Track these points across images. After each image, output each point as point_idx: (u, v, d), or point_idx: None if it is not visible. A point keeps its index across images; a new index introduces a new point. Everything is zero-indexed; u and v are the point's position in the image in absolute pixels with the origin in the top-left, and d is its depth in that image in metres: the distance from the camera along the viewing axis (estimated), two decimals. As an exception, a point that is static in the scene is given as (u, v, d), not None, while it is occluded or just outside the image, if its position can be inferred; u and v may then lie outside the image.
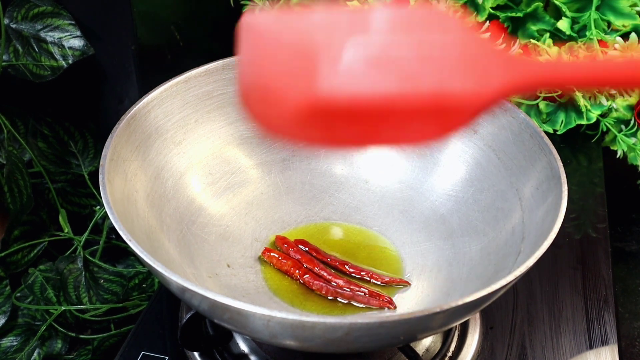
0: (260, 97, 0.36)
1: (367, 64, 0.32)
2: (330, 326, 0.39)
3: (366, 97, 0.32)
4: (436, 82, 0.33)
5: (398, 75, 0.32)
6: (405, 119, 0.33)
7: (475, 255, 0.57)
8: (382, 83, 0.32)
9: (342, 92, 0.32)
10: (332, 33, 0.33)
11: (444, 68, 0.33)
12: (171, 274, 0.42)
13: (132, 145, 0.55)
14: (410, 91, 0.32)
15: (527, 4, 0.84)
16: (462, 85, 0.33)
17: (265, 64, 0.35)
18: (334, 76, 0.32)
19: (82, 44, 0.74)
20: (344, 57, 0.32)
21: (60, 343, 0.76)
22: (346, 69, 0.32)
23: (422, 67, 0.32)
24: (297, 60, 0.33)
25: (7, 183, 0.71)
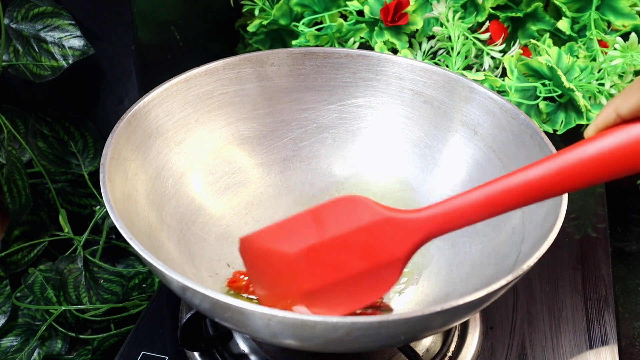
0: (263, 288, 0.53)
1: (319, 265, 0.48)
2: (331, 326, 0.39)
3: (325, 282, 0.48)
4: (365, 261, 0.48)
5: (340, 266, 0.48)
6: (353, 287, 0.48)
7: (475, 255, 0.57)
8: (332, 275, 0.48)
9: (311, 284, 0.49)
10: (294, 242, 0.49)
11: (365, 249, 0.47)
12: (172, 272, 0.42)
13: (132, 144, 0.55)
14: (349, 271, 0.48)
15: (527, 4, 0.84)
16: (386, 258, 0.47)
17: (258, 272, 0.53)
18: (302, 276, 0.49)
19: (82, 44, 0.74)
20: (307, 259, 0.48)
21: (60, 343, 0.76)
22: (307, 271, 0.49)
23: (351, 255, 0.48)
24: (276, 266, 0.50)
25: (6, 183, 0.71)
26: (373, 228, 0.47)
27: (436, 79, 0.63)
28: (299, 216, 0.50)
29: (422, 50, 0.84)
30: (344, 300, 0.49)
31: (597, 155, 0.41)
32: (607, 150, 0.41)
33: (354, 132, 0.67)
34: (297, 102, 0.66)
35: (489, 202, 0.44)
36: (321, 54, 0.65)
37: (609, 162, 0.41)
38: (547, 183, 0.42)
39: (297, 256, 0.49)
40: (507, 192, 0.43)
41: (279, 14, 0.87)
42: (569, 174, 0.42)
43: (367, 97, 0.66)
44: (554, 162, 0.42)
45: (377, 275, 0.48)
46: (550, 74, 0.79)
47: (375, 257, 0.47)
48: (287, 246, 0.49)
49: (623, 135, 0.40)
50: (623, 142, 0.40)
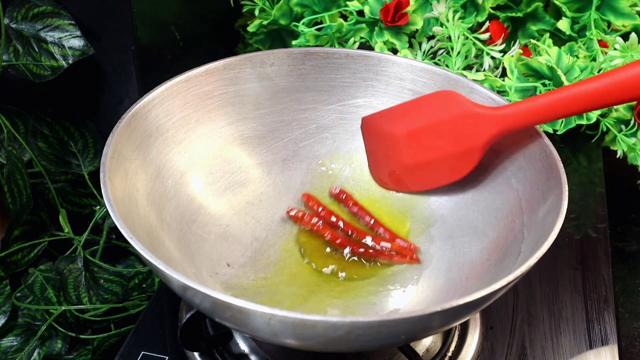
0: (374, 163, 0.66)
1: (418, 145, 0.61)
2: (331, 325, 0.39)
3: (421, 160, 0.61)
4: (453, 146, 0.59)
5: (432, 148, 0.60)
6: (442, 166, 0.60)
7: (475, 256, 0.57)
8: (425, 154, 0.61)
9: (410, 160, 0.62)
10: (401, 125, 0.62)
11: (454, 137, 0.58)
12: (173, 272, 0.42)
13: (133, 144, 0.55)
14: (440, 153, 0.60)
15: (527, 4, 0.84)
16: (465, 145, 0.58)
17: (372, 145, 0.65)
18: (405, 153, 0.62)
19: (82, 44, 0.74)
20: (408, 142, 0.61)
21: (60, 343, 0.76)
22: (409, 149, 0.61)
23: (442, 140, 0.59)
24: (386, 142, 0.63)
25: (7, 183, 0.71)
26: (461, 119, 0.57)
27: (436, 79, 0.63)
28: (406, 104, 0.62)
29: (422, 50, 0.84)
30: (433, 176, 0.61)
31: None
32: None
33: (354, 132, 0.67)
34: (297, 102, 0.66)
35: (554, 105, 0.52)
36: (321, 54, 0.65)
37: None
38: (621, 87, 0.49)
39: (402, 136, 0.61)
40: (573, 96, 0.51)
41: (279, 14, 0.87)
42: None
43: (367, 97, 0.66)
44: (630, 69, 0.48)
45: (461, 159, 0.58)
46: (550, 74, 0.79)
47: (461, 144, 0.58)
48: (395, 128, 0.62)
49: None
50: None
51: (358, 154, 0.67)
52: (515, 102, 0.55)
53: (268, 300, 0.56)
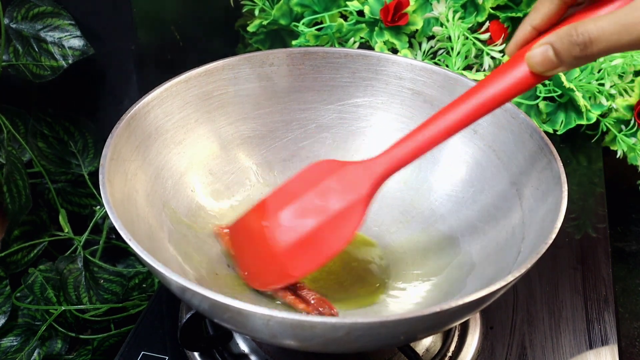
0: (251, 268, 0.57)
1: (296, 221, 0.54)
2: (330, 326, 0.39)
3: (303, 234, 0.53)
4: (335, 206, 0.53)
5: (312, 216, 0.53)
6: (328, 233, 0.53)
7: (475, 255, 0.57)
8: (306, 226, 0.53)
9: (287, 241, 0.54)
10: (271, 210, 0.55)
11: (335, 198, 0.53)
12: (171, 273, 0.42)
13: (132, 145, 0.55)
14: (322, 220, 0.53)
15: (527, 4, 0.84)
16: (347, 200, 0.53)
17: (245, 249, 0.57)
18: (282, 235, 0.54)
19: (82, 44, 0.74)
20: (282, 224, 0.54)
21: (60, 343, 0.76)
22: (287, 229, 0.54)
23: (323, 203, 0.53)
24: (257, 235, 0.55)
25: (6, 183, 0.71)
26: (336, 177, 0.54)
27: (436, 79, 0.63)
28: (273, 194, 0.56)
29: (422, 50, 0.84)
30: (319, 248, 0.53)
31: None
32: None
33: (354, 132, 0.67)
34: (297, 102, 0.66)
35: (422, 143, 0.51)
36: (320, 54, 0.65)
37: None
38: (474, 114, 0.49)
39: (275, 220, 0.54)
40: (444, 130, 0.50)
41: (279, 14, 0.87)
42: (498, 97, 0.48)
43: (367, 96, 0.66)
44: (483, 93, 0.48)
45: (347, 216, 0.53)
46: (550, 74, 0.79)
47: (342, 201, 0.53)
48: (264, 217, 0.55)
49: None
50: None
51: (358, 154, 0.67)
52: (384, 151, 0.53)
53: (267, 301, 0.56)
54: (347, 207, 0.53)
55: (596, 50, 0.42)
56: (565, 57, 0.44)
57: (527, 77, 0.46)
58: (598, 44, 0.42)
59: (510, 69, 0.47)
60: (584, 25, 0.42)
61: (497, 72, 0.48)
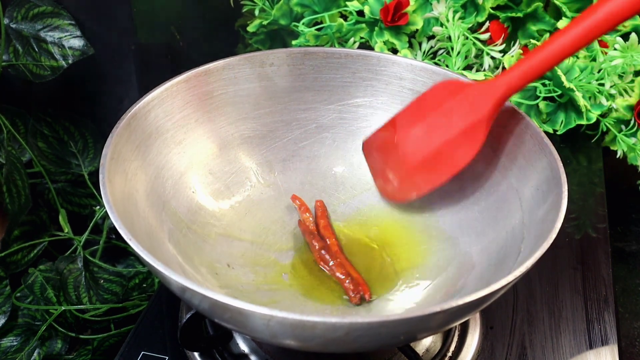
0: (383, 179, 0.64)
1: (422, 138, 0.59)
2: (330, 326, 0.39)
3: (430, 151, 0.59)
4: (459, 125, 0.57)
5: (437, 136, 0.59)
6: (451, 151, 0.58)
7: (475, 256, 0.57)
8: (432, 143, 0.59)
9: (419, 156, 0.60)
10: (401, 127, 0.61)
11: (458, 118, 0.57)
12: (171, 273, 0.42)
13: (132, 145, 0.55)
14: (448, 138, 0.58)
15: (527, 4, 0.84)
16: (470, 119, 0.56)
17: (378, 162, 0.64)
18: (411, 151, 0.60)
19: (82, 44, 0.74)
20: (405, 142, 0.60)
21: (60, 343, 0.76)
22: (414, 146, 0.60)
23: (448, 122, 0.58)
24: (390, 150, 0.61)
25: (5, 183, 0.71)
26: (457, 98, 0.57)
27: (436, 79, 0.63)
28: (403, 110, 0.62)
29: (422, 50, 0.84)
30: (445, 165, 0.58)
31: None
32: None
33: (354, 132, 0.67)
34: (297, 102, 0.66)
35: (542, 62, 0.53)
36: (321, 54, 0.65)
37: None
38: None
39: (404, 136, 0.60)
40: (566, 45, 0.52)
41: (279, 14, 0.87)
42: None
43: (367, 97, 0.66)
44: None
45: (468, 138, 0.57)
46: (550, 74, 0.79)
47: (464, 122, 0.57)
48: (395, 132, 0.61)
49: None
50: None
51: (358, 154, 0.67)
52: (505, 70, 0.56)
53: (268, 300, 0.56)
54: (470, 126, 0.56)
55: None
56: None
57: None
58: None
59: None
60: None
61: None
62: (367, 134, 0.66)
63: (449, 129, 0.58)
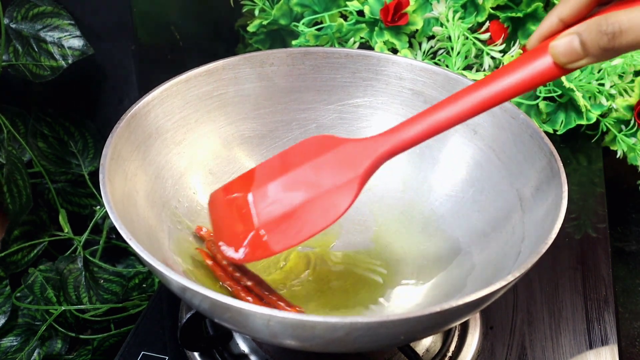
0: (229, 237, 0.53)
1: (287, 192, 0.52)
2: (330, 326, 0.39)
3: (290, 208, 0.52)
4: (328, 182, 0.51)
5: (305, 189, 0.51)
6: (318, 209, 0.51)
7: (475, 255, 0.57)
8: (295, 201, 0.51)
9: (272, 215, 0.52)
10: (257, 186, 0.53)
11: (329, 175, 0.51)
12: (172, 273, 0.42)
13: (132, 145, 0.55)
14: (313, 195, 0.51)
15: (527, 4, 0.84)
16: (342, 177, 0.51)
17: (224, 218, 0.55)
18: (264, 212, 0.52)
19: (82, 44, 0.74)
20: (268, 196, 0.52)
21: (60, 343, 0.76)
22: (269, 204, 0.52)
23: (316, 178, 0.51)
24: (241, 205, 0.53)
25: (6, 183, 0.71)
26: (334, 152, 0.52)
27: (436, 79, 0.63)
28: (264, 163, 0.55)
29: (422, 50, 0.84)
30: (307, 223, 0.51)
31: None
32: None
33: (354, 132, 0.67)
34: (297, 102, 0.66)
35: (431, 126, 0.49)
36: (321, 54, 0.65)
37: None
38: (487, 103, 0.47)
39: (263, 189, 0.53)
40: (456, 114, 0.48)
41: (279, 14, 0.87)
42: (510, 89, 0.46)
43: (367, 97, 0.66)
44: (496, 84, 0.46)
45: (338, 196, 0.51)
46: (550, 74, 0.79)
47: (338, 177, 0.51)
48: (247, 186, 0.54)
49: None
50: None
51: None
52: (389, 130, 0.51)
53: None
54: (341, 185, 0.51)
55: (625, 43, 0.41)
56: (591, 47, 0.42)
57: (548, 68, 0.45)
58: (628, 35, 0.40)
59: (532, 59, 0.45)
60: (615, 16, 0.41)
61: (518, 61, 0.46)
62: (367, 134, 0.66)
63: (315, 186, 0.51)
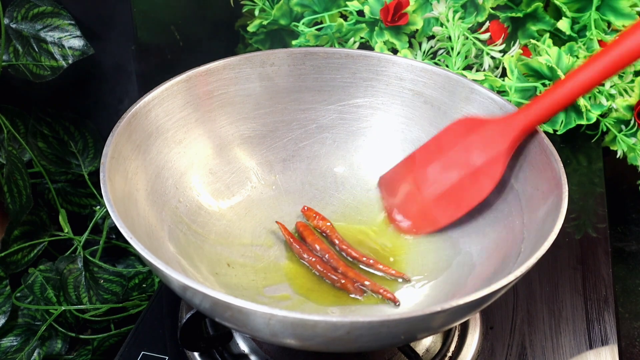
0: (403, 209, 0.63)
1: (440, 174, 0.61)
2: (331, 325, 0.39)
3: (446, 186, 0.60)
4: (477, 161, 0.58)
5: (455, 171, 0.60)
6: (468, 187, 0.59)
7: (475, 255, 0.57)
8: (451, 179, 0.60)
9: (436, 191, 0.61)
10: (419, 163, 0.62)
11: (477, 154, 0.58)
12: (172, 272, 0.42)
13: (133, 144, 0.55)
14: (465, 173, 0.59)
15: (527, 4, 0.84)
16: (488, 155, 0.58)
17: (395, 195, 0.64)
18: (429, 185, 0.61)
19: (82, 44, 0.74)
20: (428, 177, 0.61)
21: (60, 343, 0.76)
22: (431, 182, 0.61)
23: (466, 158, 0.59)
24: (408, 185, 0.62)
25: (6, 183, 0.71)
26: (476, 134, 0.58)
27: (436, 79, 0.63)
28: (421, 148, 0.63)
29: (422, 50, 0.84)
30: (462, 200, 0.59)
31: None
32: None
33: (354, 132, 0.67)
34: (297, 102, 0.66)
35: (558, 101, 0.54)
36: (321, 54, 0.65)
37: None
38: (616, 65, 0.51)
39: (423, 172, 0.61)
40: (582, 83, 0.53)
41: (279, 14, 0.87)
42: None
43: (367, 97, 0.66)
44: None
45: (484, 174, 0.58)
46: (550, 74, 0.79)
47: (481, 157, 0.58)
48: (414, 168, 0.62)
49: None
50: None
51: (358, 154, 0.67)
52: (523, 106, 0.56)
53: (268, 300, 0.56)
54: (487, 162, 0.57)
55: None
56: None
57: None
58: None
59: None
60: None
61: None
62: (367, 135, 0.67)
63: (467, 165, 0.59)
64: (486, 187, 0.58)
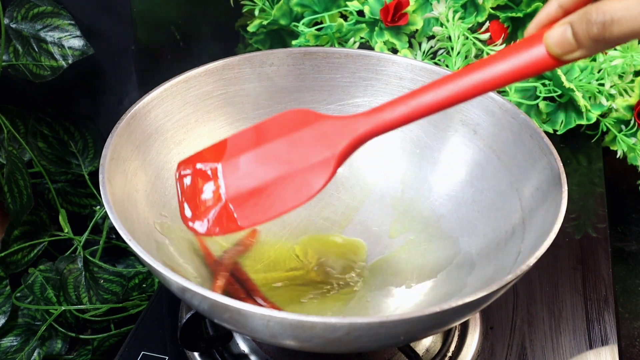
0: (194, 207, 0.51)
1: (256, 167, 0.49)
2: (330, 326, 0.39)
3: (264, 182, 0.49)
4: (303, 159, 0.48)
5: (277, 166, 0.49)
6: (290, 187, 0.48)
7: (475, 255, 0.57)
8: (266, 175, 0.49)
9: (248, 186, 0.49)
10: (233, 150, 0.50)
11: (306, 150, 0.48)
12: (171, 273, 0.42)
13: (132, 145, 0.55)
14: (286, 171, 0.48)
15: (527, 4, 0.84)
16: (319, 155, 0.48)
17: (192, 186, 0.51)
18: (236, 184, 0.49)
19: (82, 43, 0.74)
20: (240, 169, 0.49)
21: (60, 343, 0.76)
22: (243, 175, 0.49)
23: (292, 154, 0.48)
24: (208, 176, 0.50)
25: (7, 183, 0.71)
26: (311, 129, 0.49)
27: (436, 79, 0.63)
28: (242, 132, 0.51)
29: (422, 50, 0.84)
30: (277, 200, 0.49)
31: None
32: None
33: (354, 132, 0.67)
34: (297, 102, 0.66)
35: (417, 108, 0.47)
36: (321, 54, 0.65)
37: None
38: (477, 88, 0.44)
39: (233, 161, 0.50)
40: (443, 98, 0.46)
41: (279, 14, 0.87)
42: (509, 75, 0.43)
43: (367, 96, 0.66)
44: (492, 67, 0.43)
45: (313, 174, 0.48)
46: (550, 74, 0.79)
47: (315, 154, 0.48)
48: (218, 156, 0.51)
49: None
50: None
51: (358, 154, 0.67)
52: (370, 109, 0.48)
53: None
54: (316, 163, 0.48)
55: (616, 33, 0.38)
56: (582, 38, 0.39)
57: (543, 58, 0.42)
58: (620, 25, 0.37)
59: (527, 47, 0.42)
60: (608, 4, 0.38)
61: (513, 47, 0.43)
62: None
63: (291, 161, 0.49)
64: (308, 192, 0.48)
